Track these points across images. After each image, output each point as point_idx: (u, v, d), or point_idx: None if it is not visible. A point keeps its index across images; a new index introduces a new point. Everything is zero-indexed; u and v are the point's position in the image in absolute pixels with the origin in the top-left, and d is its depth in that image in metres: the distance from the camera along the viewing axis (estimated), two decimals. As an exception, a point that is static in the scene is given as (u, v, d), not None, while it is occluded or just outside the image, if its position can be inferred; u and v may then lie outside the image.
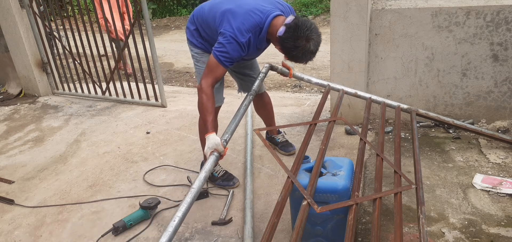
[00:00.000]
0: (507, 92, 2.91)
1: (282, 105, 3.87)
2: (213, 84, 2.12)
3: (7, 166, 3.15)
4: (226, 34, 2.04)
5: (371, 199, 1.73)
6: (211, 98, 2.09)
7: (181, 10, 11.09)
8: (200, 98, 2.11)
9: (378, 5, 2.99)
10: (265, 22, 2.08)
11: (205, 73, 2.12)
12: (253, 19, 2.07)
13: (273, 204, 2.27)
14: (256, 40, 2.12)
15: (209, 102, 2.08)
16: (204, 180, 1.75)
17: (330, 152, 2.83)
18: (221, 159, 1.98)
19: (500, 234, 1.91)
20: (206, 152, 1.96)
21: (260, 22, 2.08)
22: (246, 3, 2.11)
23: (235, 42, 2.03)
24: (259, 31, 2.10)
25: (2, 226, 2.41)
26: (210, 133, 1.99)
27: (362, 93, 2.62)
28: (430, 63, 2.96)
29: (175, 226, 1.49)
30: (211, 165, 1.85)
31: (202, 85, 2.10)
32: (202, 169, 1.80)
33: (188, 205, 1.59)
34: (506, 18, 2.71)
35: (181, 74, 5.84)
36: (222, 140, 1.95)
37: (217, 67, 2.08)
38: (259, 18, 2.08)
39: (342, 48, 2.95)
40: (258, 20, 2.08)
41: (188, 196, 1.63)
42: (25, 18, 4.43)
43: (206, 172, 1.79)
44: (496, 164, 2.47)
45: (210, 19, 2.21)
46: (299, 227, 1.44)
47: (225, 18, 2.09)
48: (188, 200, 1.60)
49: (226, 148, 1.97)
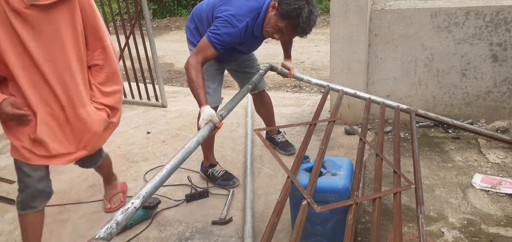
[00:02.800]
0: (506, 92, 2.91)
1: (282, 105, 3.88)
2: (202, 63, 2.04)
3: (7, 166, 3.16)
4: (222, 17, 2.02)
5: (370, 198, 1.74)
6: (200, 73, 1.99)
7: (182, 11, 11.09)
8: (189, 74, 2.00)
9: (378, 5, 3.00)
10: (262, 6, 2.08)
11: (194, 52, 2.05)
12: (250, 3, 2.07)
13: (273, 204, 2.28)
14: (253, 25, 2.10)
15: (199, 77, 1.98)
16: (196, 144, 1.68)
17: (330, 152, 2.83)
18: (216, 131, 1.91)
19: (499, 233, 1.91)
20: (200, 124, 1.85)
21: (257, 6, 2.08)
22: None
23: (230, 26, 2.01)
24: (256, 15, 2.08)
25: (3, 226, 2.41)
26: (204, 106, 1.90)
27: (361, 93, 2.62)
28: (429, 64, 2.97)
29: (162, 177, 1.45)
30: (205, 132, 1.77)
31: (189, 61, 2.01)
32: (195, 135, 1.72)
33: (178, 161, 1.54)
34: (506, 19, 2.72)
35: (182, 74, 5.85)
36: (217, 114, 1.90)
37: (208, 48, 2.02)
38: (256, 2, 2.08)
39: (342, 49, 2.96)
40: (256, 5, 2.07)
41: (179, 153, 1.58)
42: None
43: (199, 138, 1.72)
44: (495, 164, 2.48)
45: (208, 12, 2.21)
46: (299, 226, 1.45)
47: (222, 4, 2.09)
48: (178, 157, 1.56)
49: (221, 122, 1.89)
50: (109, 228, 1.22)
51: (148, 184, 1.41)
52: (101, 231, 1.20)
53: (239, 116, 3.61)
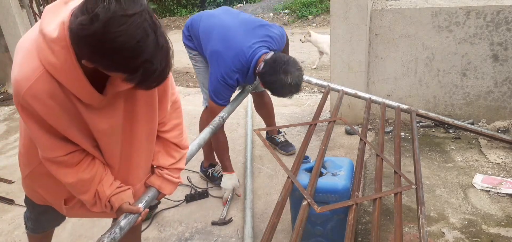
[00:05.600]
0: (507, 92, 2.91)
1: (282, 105, 3.87)
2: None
3: (7, 166, 3.15)
4: (217, 77, 2.15)
5: (371, 199, 1.73)
6: (219, 136, 2.24)
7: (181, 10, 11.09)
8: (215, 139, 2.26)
9: (378, 5, 2.99)
10: (251, 62, 2.14)
11: (208, 113, 2.32)
12: (239, 62, 2.14)
13: (273, 204, 2.27)
14: (244, 79, 2.22)
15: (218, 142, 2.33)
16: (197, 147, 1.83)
17: (330, 152, 2.83)
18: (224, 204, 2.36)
19: (500, 234, 1.91)
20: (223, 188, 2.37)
21: (246, 63, 2.15)
22: (234, 43, 2.14)
23: (225, 84, 2.16)
24: (246, 71, 2.18)
25: (2, 226, 2.41)
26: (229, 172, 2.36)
27: (362, 93, 2.62)
28: (430, 63, 2.96)
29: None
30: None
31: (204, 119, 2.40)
32: (196, 138, 1.87)
33: None
34: (506, 18, 2.71)
35: (181, 74, 5.84)
36: (218, 117, 2.09)
37: (217, 108, 2.19)
38: (245, 59, 2.14)
39: (342, 48, 2.95)
40: (245, 62, 2.14)
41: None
42: (25, 18, 4.42)
43: (201, 141, 1.89)
44: (496, 164, 2.47)
45: (201, 41, 2.29)
46: (299, 227, 1.44)
47: (214, 60, 2.18)
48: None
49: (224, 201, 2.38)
50: (113, 234, 1.22)
51: (151, 188, 1.42)
52: (104, 237, 1.19)
53: (239, 116, 3.60)
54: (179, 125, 1.48)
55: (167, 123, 1.43)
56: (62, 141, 1.17)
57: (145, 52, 0.95)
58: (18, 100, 1.07)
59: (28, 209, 1.62)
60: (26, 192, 1.52)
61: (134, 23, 0.92)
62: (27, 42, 1.10)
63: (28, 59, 1.06)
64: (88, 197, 1.29)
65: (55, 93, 1.06)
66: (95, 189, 1.28)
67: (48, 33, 1.02)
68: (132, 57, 0.95)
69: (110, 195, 1.30)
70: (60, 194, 1.40)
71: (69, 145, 1.19)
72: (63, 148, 1.18)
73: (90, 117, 1.15)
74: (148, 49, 0.95)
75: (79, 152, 1.23)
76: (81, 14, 0.93)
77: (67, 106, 1.10)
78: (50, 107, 1.07)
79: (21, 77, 1.05)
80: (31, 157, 1.32)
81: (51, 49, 1.01)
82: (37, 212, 1.58)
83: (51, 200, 1.44)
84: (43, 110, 1.07)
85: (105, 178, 1.30)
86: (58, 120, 1.11)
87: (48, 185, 1.38)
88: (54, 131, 1.14)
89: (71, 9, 1.00)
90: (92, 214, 1.47)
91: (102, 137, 1.24)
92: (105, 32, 0.91)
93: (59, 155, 1.19)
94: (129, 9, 0.92)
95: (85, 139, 1.21)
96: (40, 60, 1.04)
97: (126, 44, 0.92)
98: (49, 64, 1.03)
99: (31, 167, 1.36)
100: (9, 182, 2.89)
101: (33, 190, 1.46)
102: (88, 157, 1.26)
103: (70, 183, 1.25)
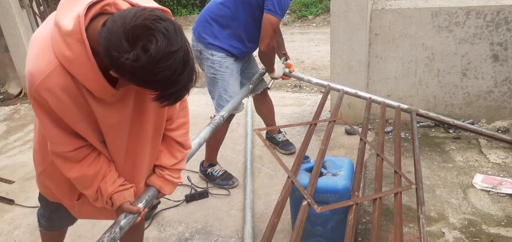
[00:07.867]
0: (507, 92, 2.91)
1: (282, 105, 3.87)
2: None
3: (7, 166, 3.15)
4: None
5: (371, 199, 1.73)
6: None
7: (181, 10, 11.08)
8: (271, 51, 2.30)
9: (378, 5, 2.99)
10: None
11: (269, 34, 2.21)
12: None
13: (273, 204, 2.26)
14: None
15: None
16: (197, 147, 1.82)
17: (330, 152, 2.83)
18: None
19: (500, 234, 1.91)
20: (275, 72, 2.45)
21: None
22: None
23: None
24: None
25: (2, 226, 2.41)
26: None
27: (362, 93, 2.62)
28: (430, 63, 2.96)
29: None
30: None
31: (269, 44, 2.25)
32: (196, 137, 1.84)
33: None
34: (506, 18, 2.71)
35: (181, 74, 5.84)
36: (219, 115, 2.06)
37: (277, 22, 2.20)
38: None
39: (342, 48, 2.95)
40: None
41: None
42: (25, 18, 4.42)
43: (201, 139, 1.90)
44: (496, 164, 2.47)
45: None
46: (299, 227, 1.44)
47: None
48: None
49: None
50: (113, 233, 1.22)
51: (150, 188, 1.41)
52: (105, 237, 1.19)
53: (239, 116, 3.60)
54: (185, 124, 1.49)
55: (174, 121, 1.43)
56: (71, 136, 1.18)
57: (181, 82, 1.00)
58: (32, 92, 1.06)
59: (42, 206, 1.63)
60: (40, 189, 1.53)
61: (177, 59, 0.95)
62: (41, 36, 1.10)
63: (42, 52, 1.06)
64: (91, 192, 1.30)
65: (68, 87, 1.06)
66: (98, 185, 1.29)
67: (64, 26, 1.01)
68: (170, 86, 1.00)
69: (112, 192, 1.30)
70: (72, 193, 1.41)
71: (77, 141, 1.20)
72: (71, 143, 1.19)
73: (101, 111, 1.16)
74: (183, 79, 1.00)
75: (86, 148, 1.23)
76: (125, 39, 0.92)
77: (78, 100, 1.10)
78: (62, 100, 1.07)
79: (35, 70, 1.05)
80: (45, 154, 1.31)
81: (65, 42, 1.01)
82: (50, 209, 1.58)
83: (62, 199, 1.45)
84: (55, 103, 1.07)
85: (109, 175, 1.30)
86: (69, 113, 1.11)
87: (60, 183, 1.39)
88: (64, 125, 1.14)
89: (86, 3, 1.00)
90: (102, 216, 1.48)
91: (109, 131, 1.24)
92: (152, 68, 0.93)
93: (67, 150, 1.19)
94: (174, 44, 0.94)
95: (93, 134, 1.22)
96: (54, 53, 1.04)
97: (168, 77, 0.96)
98: (64, 57, 1.02)
99: (45, 164, 1.37)
100: (9, 182, 2.89)
101: (46, 187, 1.47)
102: (93, 153, 1.26)
103: (74, 178, 1.26)
